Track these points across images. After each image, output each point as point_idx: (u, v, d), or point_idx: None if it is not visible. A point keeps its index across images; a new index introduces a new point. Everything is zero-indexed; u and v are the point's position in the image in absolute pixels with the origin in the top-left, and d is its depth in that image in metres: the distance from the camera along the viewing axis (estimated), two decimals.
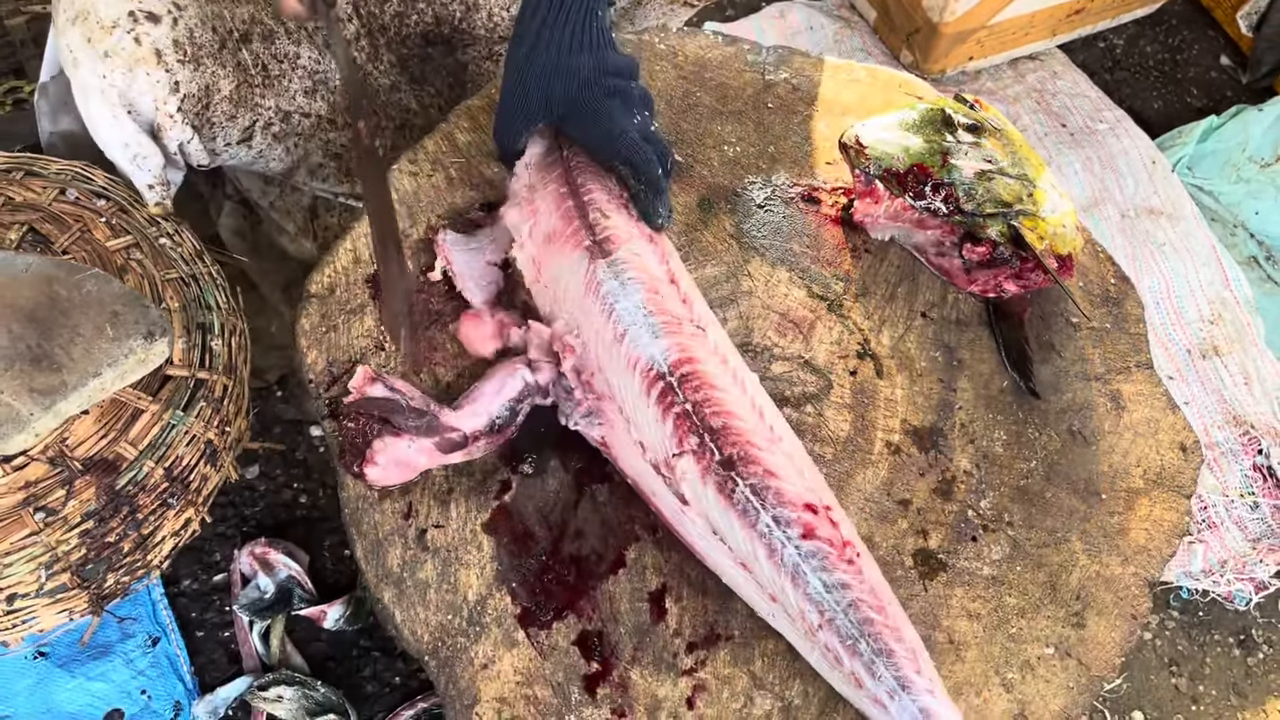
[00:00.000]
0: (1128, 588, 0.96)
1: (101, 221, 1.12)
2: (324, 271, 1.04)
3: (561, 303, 0.96)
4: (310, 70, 1.25)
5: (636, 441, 0.90)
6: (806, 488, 0.87)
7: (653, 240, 0.99)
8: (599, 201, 0.99)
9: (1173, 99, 2.11)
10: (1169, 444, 1.04)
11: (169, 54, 1.09)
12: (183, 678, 1.32)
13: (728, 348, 0.94)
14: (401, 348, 0.98)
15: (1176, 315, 1.76)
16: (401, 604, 0.90)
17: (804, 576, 0.84)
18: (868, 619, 0.83)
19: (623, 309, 0.92)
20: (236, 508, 1.46)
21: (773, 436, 0.88)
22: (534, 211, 1.01)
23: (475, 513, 0.94)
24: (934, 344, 1.07)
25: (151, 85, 1.09)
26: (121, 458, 1.01)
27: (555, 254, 0.97)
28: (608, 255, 0.95)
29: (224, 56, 1.15)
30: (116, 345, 0.99)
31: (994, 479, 1.00)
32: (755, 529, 0.85)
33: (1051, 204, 1.07)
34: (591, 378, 0.93)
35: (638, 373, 0.90)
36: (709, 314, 0.97)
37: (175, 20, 1.10)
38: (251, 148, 1.23)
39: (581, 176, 1.01)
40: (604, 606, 0.91)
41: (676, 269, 0.98)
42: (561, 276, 0.96)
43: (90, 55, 1.07)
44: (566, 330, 0.95)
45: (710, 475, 0.86)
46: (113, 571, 1.03)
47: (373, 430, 0.92)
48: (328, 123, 1.30)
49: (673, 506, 0.89)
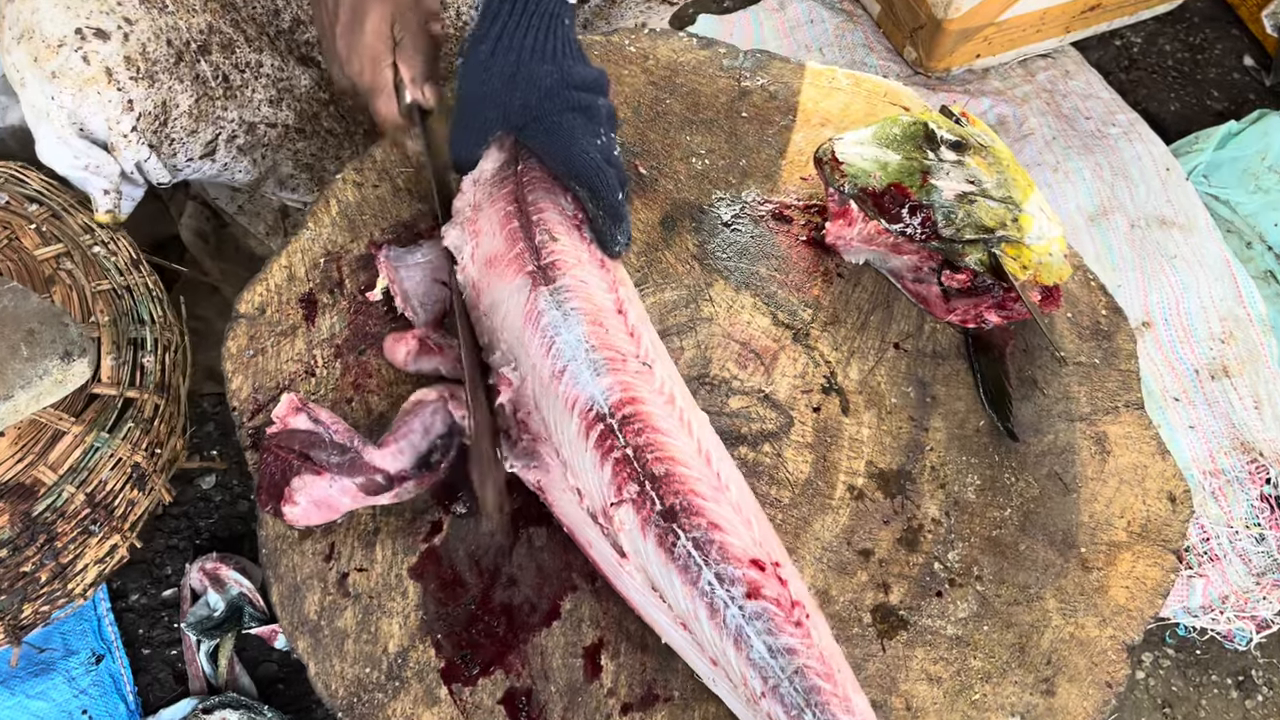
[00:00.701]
0: (1104, 652, 0.89)
1: (31, 228, 1.07)
2: (255, 290, 0.98)
3: (499, 333, 0.89)
4: (274, 78, 1.18)
5: (573, 487, 0.83)
6: (754, 541, 0.80)
7: (604, 265, 0.91)
8: (549, 222, 0.91)
9: (1191, 101, 2.01)
10: (1157, 493, 0.96)
11: (120, 72, 1.03)
12: (125, 698, 1.28)
13: (676, 384, 0.87)
14: (488, 510, 0.87)
15: (1185, 333, 1.67)
16: (316, 655, 0.84)
17: (747, 640, 0.77)
18: (815, 687, 0.76)
19: (563, 342, 0.85)
20: (190, 519, 1.41)
21: (720, 484, 0.81)
22: (476, 232, 0.93)
23: (402, 555, 0.88)
24: (906, 378, 0.99)
25: (103, 105, 1.03)
26: (39, 483, 0.96)
27: (496, 279, 0.90)
28: (551, 282, 0.87)
29: (180, 70, 1.08)
30: (31, 365, 0.94)
31: (964, 528, 0.93)
32: (696, 586, 0.78)
33: (1038, 230, 0.99)
34: (528, 416, 0.86)
35: (576, 413, 0.83)
36: (659, 346, 0.89)
37: (126, 36, 1.04)
38: (215, 161, 1.17)
39: (533, 194, 0.93)
40: (534, 661, 0.85)
41: (626, 297, 0.91)
42: (501, 303, 0.89)
43: (37, 75, 1.01)
44: (503, 362, 0.88)
45: (650, 526, 0.79)
46: (30, 602, 0.98)
47: (292, 467, 0.85)
48: (295, 132, 1.24)
49: (610, 559, 0.83)
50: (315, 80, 1.24)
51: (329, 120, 1.27)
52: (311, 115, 1.24)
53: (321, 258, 1.00)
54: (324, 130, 1.27)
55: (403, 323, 0.97)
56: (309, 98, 1.23)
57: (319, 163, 1.28)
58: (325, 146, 1.28)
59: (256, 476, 0.88)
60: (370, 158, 1.06)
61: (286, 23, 1.20)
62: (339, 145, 1.29)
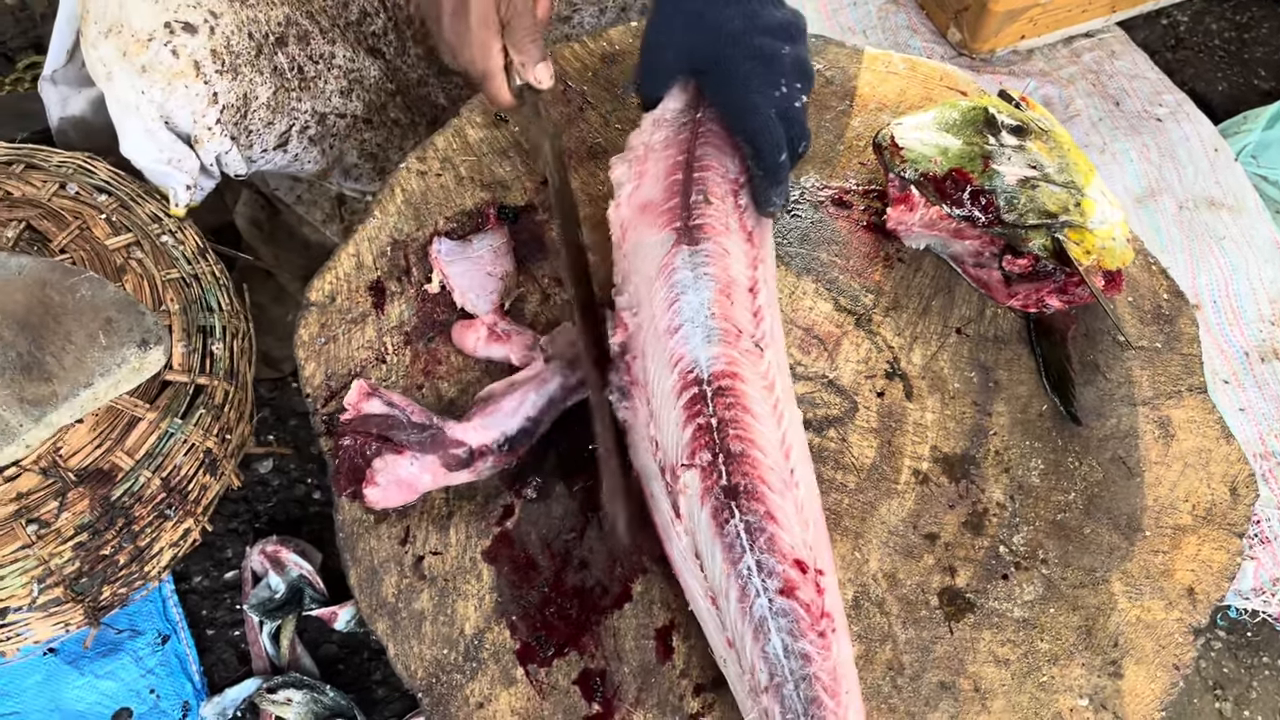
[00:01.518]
0: (1170, 635, 0.89)
1: (101, 218, 1.09)
2: (324, 278, 0.99)
3: (632, 276, 0.91)
4: (345, 70, 1.19)
5: (652, 438, 0.85)
6: (805, 543, 0.80)
7: (750, 240, 0.92)
8: (709, 182, 0.92)
9: (1238, 81, 1.99)
10: (1221, 477, 0.97)
11: (207, 65, 1.04)
12: (191, 678, 1.31)
13: (781, 374, 0.88)
14: (618, 529, 0.86)
15: (1235, 315, 1.67)
16: (395, 637, 0.86)
17: (767, 633, 0.77)
18: (818, 699, 0.76)
19: (686, 303, 0.86)
20: (249, 503, 1.43)
21: (790, 480, 0.82)
22: (641, 173, 0.95)
23: (475, 539, 0.89)
24: (969, 363, 1.00)
25: (190, 99, 1.04)
26: (117, 468, 0.98)
27: (644, 225, 0.92)
28: (694, 243, 0.88)
29: (260, 63, 1.10)
30: (109, 354, 0.96)
31: (1029, 512, 0.94)
32: (735, 567, 0.79)
33: (1101, 214, 0.99)
34: (633, 360, 0.88)
35: (677, 371, 0.84)
36: (778, 335, 0.90)
37: (212, 29, 1.05)
38: (287, 152, 1.19)
39: (704, 148, 0.94)
40: (607, 643, 0.87)
41: (763, 278, 0.91)
42: (642, 249, 0.91)
43: (126, 70, 1.02)
44: (627, 305, 0.90)
45: (710, 497, 0.80)
46: (109, 584, 1.00)
47: (371, 448, 0.87)
48: (363, 122, 1.25)
49: (665, 513, 0.84)
50: (383, 71, 1.25)
51: (395, 111, 1.28)
52: (379, 106, 1.25)
53: (388, 246, 1.01)
54: (390, 121, 1.28)
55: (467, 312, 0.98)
56: (377, 88, 1.24)
57: (383, 152, 1.29)
58: (390, 137, 1.29)
59: (332, 463, 0.90)
60: (432, 146, 1.07)
61: (355, 14, 1.22)
62: (403, 136, 1.30)
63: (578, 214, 1.01)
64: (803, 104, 0.92)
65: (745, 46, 0.89)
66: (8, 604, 0.95)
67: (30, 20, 1.71)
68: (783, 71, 0.90)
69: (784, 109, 0.90)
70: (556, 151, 1.01)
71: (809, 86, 0.93)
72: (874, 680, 0.86)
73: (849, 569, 0.90)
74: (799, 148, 0.91)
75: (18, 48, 1.73)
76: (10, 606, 0.96)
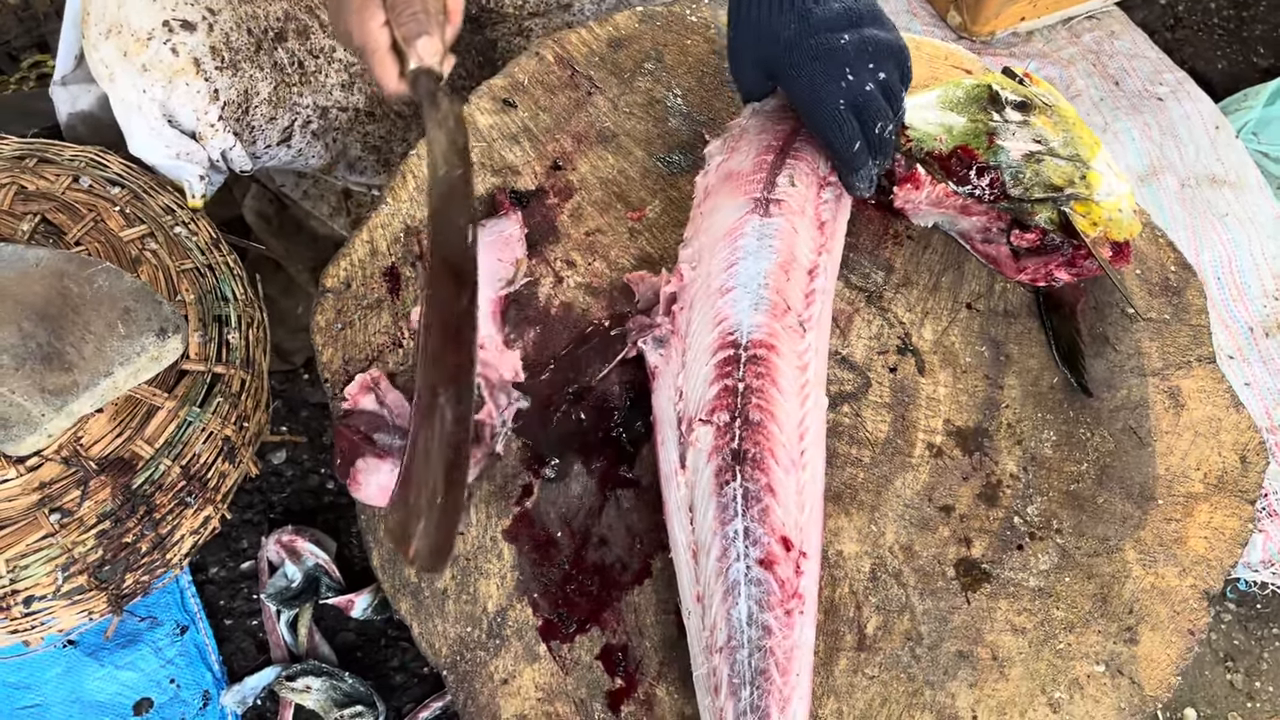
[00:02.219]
0: (1185, 600, 0.90)
1: (115, 210, 1.09)
2: (339, 265, 1.00)
3: (701, 233, 0.94)
4: (346, 63, 1.20)
5: (679, 387, 0.88)
6: (797, 525, 0.82)
7: (822, 229, 0.94)
8: (798, 169, 0.95)
9: (1238, 59, 2.00)
10: (1231, 445, 0.98)
11: (207, 62, 1.05)
12: (211, 667, 1.31)
13: (817, 359, 0.89)
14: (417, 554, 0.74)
15: (1239, 290, 1.68)
16: (419, 615, 0.87)
17: (737, 597, 0.79)
18: (766, 672, 0.77)
19: (744, 268, 0.89)
20: (264, 494, 1.44)
21: (798, 461, 0.83)
22: (733, 149, 0.99)
23: (496, 518, 0.90)
24: (980, 338, 1.01)
25: (191, 96, 1.05)
26: (138, 456, 0.99)
27: (727, 190, 0.95)
28: (767, 215, 0.92)
29: (260, 58, 1.10)
30: (129, 343, 0.97)
31: (1042, 483, 0.95)
32: (724, 527, 0.80)
33: (1107, 186, 1.00)
34: (679, 310, 0.91)
35: (719, 330, 0.87)
36: (824, 320, 0.92)
37: (211, 26, 1.06)
38: (290, 147, 1.19)
39: (801, 141, 0.98)
40: (629, 619, 0.88)
41: (825, 266, 0.93)
42: (718, 210, 0.94)
43: (127, 69, 1.03)
44: (689, 259, 0.93)
45: (717, 456, 0.82)
46: (131, 572, 1.01)
47: (358, 449, 0.88)
48: (366, 115, 1.26)
49: (671, 461, 0.86)
50: None
51: (398, 103, 1.28)
52: (381, 99, 1.26)
53: (401, 232, 1.02)
54: (393, 113, 1.29)
55: None
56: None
57: (386, 145, 1.29)
58: (394, 129, 1.30)
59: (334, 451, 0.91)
60: None
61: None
62: (406, 128, 1.31)
63: (470, 217, 0.83)
64: (879, 83, 0.91)
65: (802, 50, 0.90)
66: (32, 592, 0.96)
67: (34, 19, 1.71)
68: (846, 62, 0.90)
69: (853, 98, 0.90)
70: (453, 147, 0.84)
71: (887, 61, 0.92)
72: (893, 650, 0.87)
73: (866, 542, 0.91)
74: (879, 128, 0.91)
75: (22, 47, 1.73)
76: (35, 595, 0.96)
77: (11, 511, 0.95)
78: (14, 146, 1.14)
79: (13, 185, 1.09)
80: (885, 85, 0.91)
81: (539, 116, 1.09)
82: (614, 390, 0.94)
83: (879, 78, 0.91)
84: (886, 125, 0.91)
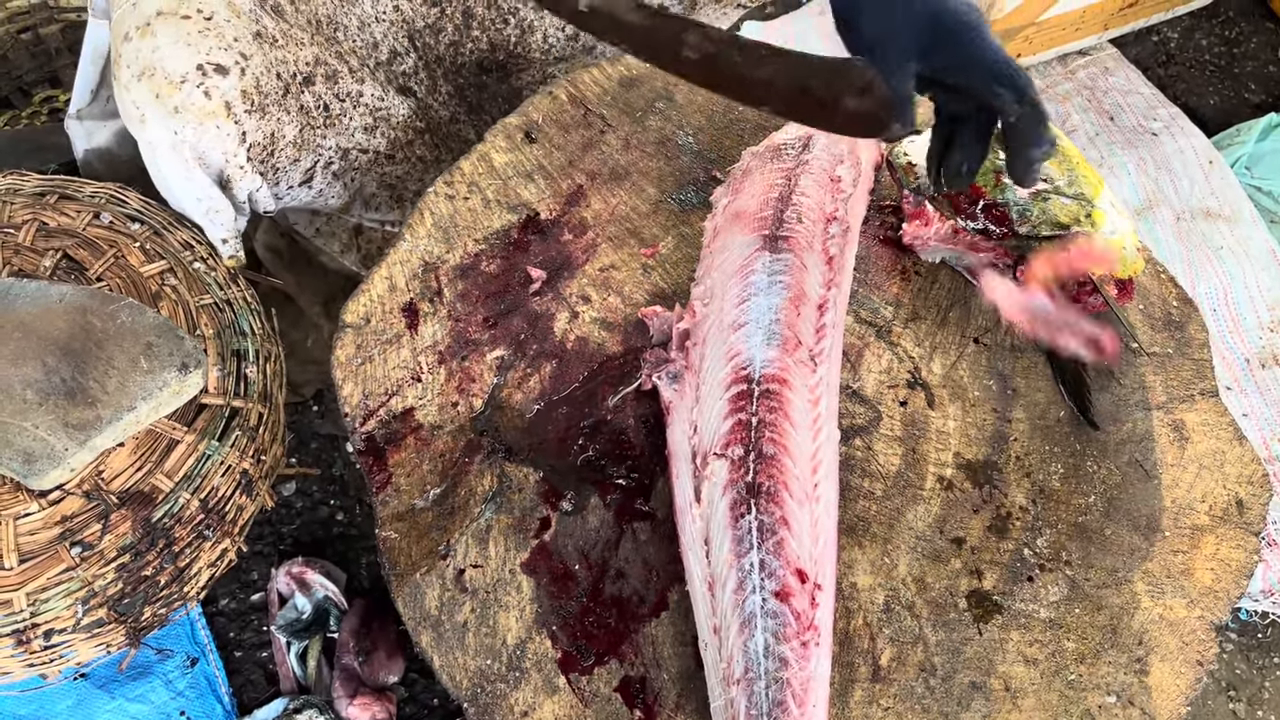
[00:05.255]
0: (1193, 631, 0.92)
1: (135, 246, 1.11)
2: (359, 300, 1.02)
3: (713, 270, 0.96)
4: (372, 107, 1.22)
5: (693, 421, 0.89)
6: (812, 557, 0.83)
7: (830, 264, 0.97)
8: (804, 207, 0.98)
9: (1229, 95, 2.04)
10: (1236, 478, 0.99)
11: (238, 105, 1.07)
12: (221, 699, 1.32)
13: (829, 393, 0.91)
14: None
15: (1234, 323, 1.70)
16: (440, 648, 0.88)
17: (753, 629, 0.80)
18: (784, 704, 0.78)
19: (755, 304, 0.91)
20: (274, 525, 1.45)
21: (812, 494, 0.85)
22: (738, 190, 1.02)
23: (514, 552, 0.92)
24: (987, 372, 1.03)
25: (222, 139, 1.07)
26: (158, 490, 1.00)
27: (735, 229, 0.98)
28: (776, 251, 0.94)
29: (287, 102, 1.12)
30: (151, 378, 0.98)
31: (1051, 515, 0.96)
32: (740, 560, 0.82)
33: (1111, 225, 1.02)
34: (693, 346, 0.93)
35: (732, 364, 0.88)
36: (837, 357, 0.95)
37: (243, 70, 1.08)
38: (312, 188, 1.21)
39: (806, 180, 1.01)
40: (646, 651, 0.89)
41: (834, 300, 0.95)
42: (728, 248, 0.96)
43: (160, 111, 1.05)
44: (701, 296, 0.95)
45: (732, 489, 0.84)
46: (150, 605, 1.02)
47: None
48: (385, 158, 1.28)
49: (686, 495, 0.87)
50: (413, 109, 1.28)
51: (422, 148, 1.31)
52: (405, 143, 1.28)
53: (420, 268, 1.04)
54: (415, 157, 1.31)
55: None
56: (405, 126, 1.26)
57: (402, 184, 1.31)
58: (411, 170, 1.32)
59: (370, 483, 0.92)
60: (459, 170, 1.10)
61: (385, 54, 1.25)
62: (424, 170, 1.33)
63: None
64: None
65: (966, 9, 0.79)
66: (52, 626, 0.97)
67: (45, 54, 1.73)
68: (989, 32, 0.80)
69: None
70: None
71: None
72: (907, 681, 0.88)
73: (879, 574, 0.92)
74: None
75: (34, 81, 1.75)
76: (55, 628, 0.97)
77: (33, 545, 0.96)
78: (35, 184, 1.15)
79: (35, 222, 1.10)
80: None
81: (553, 154, 1.11)
82: (629, 424, 0.96)
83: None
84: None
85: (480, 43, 1.32)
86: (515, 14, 1.35)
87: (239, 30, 1.08)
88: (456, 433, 0.97)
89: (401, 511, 0.93)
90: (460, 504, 0.93)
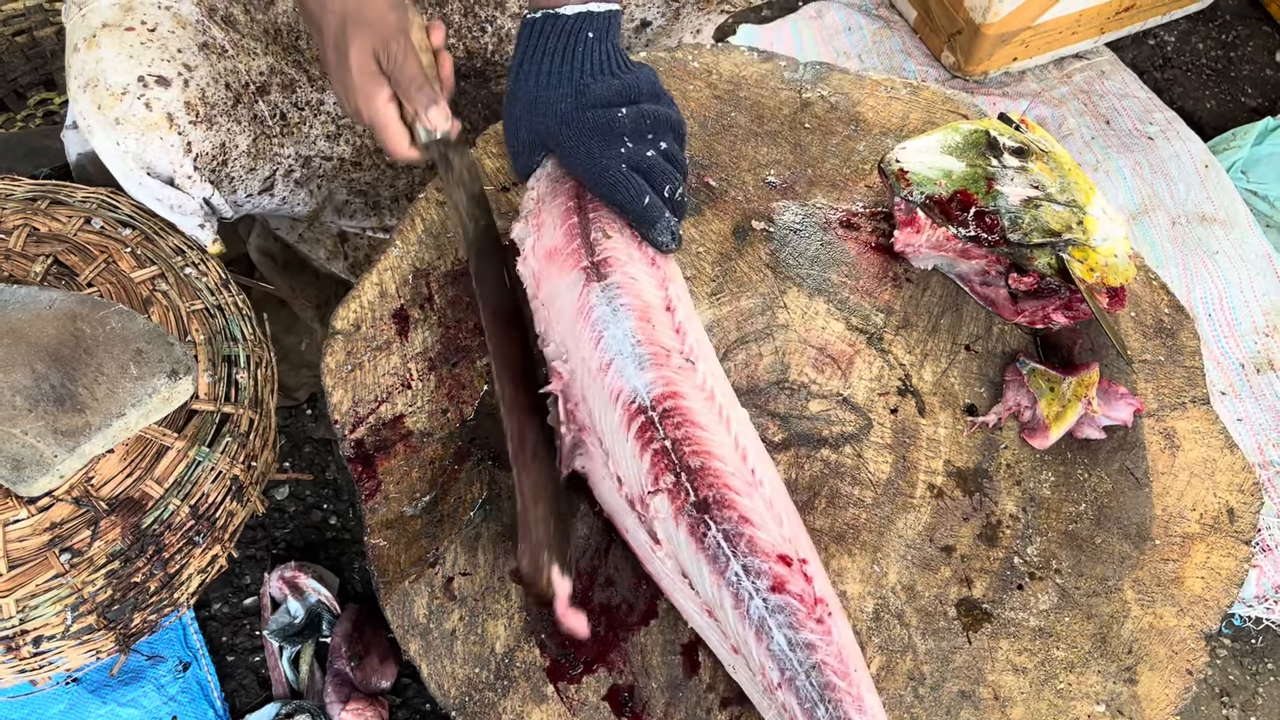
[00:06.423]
0: (1183, 640, 0.92)
1: (126, 251, 1.11)
2: (349, 307, 1.02)
3: (554, 324, 0.93)
4: (334, 115, 1.22)
5: (614, 475, 0.86)
6: (783, 537, 0.83)
7: (654, 263, 0.94)
8: (604, 220, 0.95)
9: (1226, 99, 2.04)
10: (1227, 486, 0.99)
11: (180, 117, 1.07)
12: (213, 704, 1.32)
13: (718, 382, 0.90)
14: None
15: (1230, 327, 1.70)
16: (428, 657, 0.88)
17: (769, 631, 0.79)
18: (830, 683, 0.78)
19: (611, 337, 0.88)
20: (266, 529, 1.45)
21: (753, 480, 0.84)
22: (539, 225, 0.97)
23: (503, 559, 0.91)
24: (979, 379, 1.02)
25: (166, 149, 1.07)
26: (147, 496, 1.00)
27: (554, 271, 0.94)
28: (603, 279, 0.91)
29: (238, 112, 1.12)
30: (140, 384, 0.98)
31: (1041, 523, 0.96)
32: (724, 576, 0.81)
33: (1103, 232, 1.02)
34: (575, 407, 0.90)
35: (620, 404, 0.86)
36: (704, 344, 0.92)
37: (186, 82, 1.08)
38: (274, 195, 1.21)
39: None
40: (635, 659, 0.89)
41: (675, 295, 0.93)
42: (557, 296, 0.93)
43: (102, 122, 1.05)
44: (556, 355, 0.92)
45: (683, 516, 0.82)
46: (139, 611, 1.01)
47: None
48: (351, 164, 1.28)
49: (645, 545, 0.86)
50: None
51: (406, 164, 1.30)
52: (372, 150, 1.27)
53: (410, 274, 1.04)
54: (385, 163, 1.31)
55: None
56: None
57: (374, 189, 1.31)
58: (381, 176, 1.31)
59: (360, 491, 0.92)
60: None
61: None
62: (395, 175, 1.33)
63: (503, 262, 0.99)
64: (660, 151, 0.94)
65: (576, 124, 0.93)
66: (41, 632, 0.97)
67: (40, 57, 1.73)
68: (623, 133, 0.93)
69: (635, 163, 0.92)
70: (474, 200, 1.00)
71: (666, 132, 0.95)
72: (896, 690, 0.88)
73: (868, 582, 0.92)
74: (668, 190, 0.93)
75: (28, 84, 1.75)
76: (44, 635, 0.97)
77: (22, 552, 0.96)
78: (26, 188, 1.15)
79: (25, 227, 1.10)
80: (667, 153, 0.94)
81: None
82: None
83: (660, 146, 0.94)
84: (676, 188, 0.93)
85: (457, 50, 1.32)
86: (492, 22, 1.35)
87: (183, 41, 1.08)
88: (446, 440, 0.97)
89: (390, 519, 0.93)
90: (449, 512, 0.93)
